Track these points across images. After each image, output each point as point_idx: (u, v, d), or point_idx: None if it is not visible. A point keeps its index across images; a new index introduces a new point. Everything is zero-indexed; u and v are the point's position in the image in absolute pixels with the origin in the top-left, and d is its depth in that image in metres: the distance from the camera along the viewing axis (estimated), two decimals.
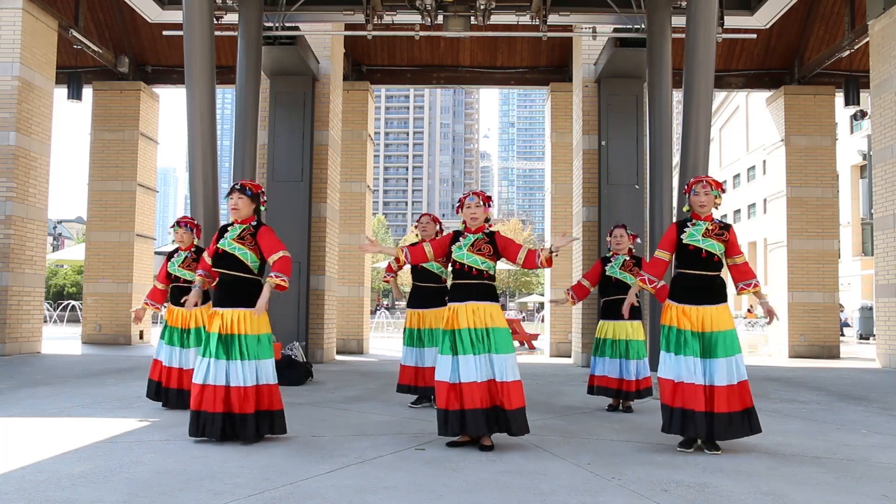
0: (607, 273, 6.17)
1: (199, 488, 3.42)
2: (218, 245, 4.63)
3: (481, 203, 4.59)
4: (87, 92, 14.46)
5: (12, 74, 10.83)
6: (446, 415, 4.32)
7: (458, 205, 4.71)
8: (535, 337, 17.45)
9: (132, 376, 8.25)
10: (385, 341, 17.94)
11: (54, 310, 22.78)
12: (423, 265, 6.15)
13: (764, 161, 32.78)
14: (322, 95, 11.08)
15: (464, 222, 4.65)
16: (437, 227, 6.40)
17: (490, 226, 4.66)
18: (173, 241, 6.17)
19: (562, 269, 13.45)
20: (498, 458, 4.16)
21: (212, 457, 4.09)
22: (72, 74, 13.98)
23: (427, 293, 6.23)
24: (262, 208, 4.80)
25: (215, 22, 8.75)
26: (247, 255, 4.59)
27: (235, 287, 4.57)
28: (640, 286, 4.69)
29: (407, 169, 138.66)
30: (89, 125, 14.60)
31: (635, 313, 6.00)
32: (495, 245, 4.52)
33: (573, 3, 9.97)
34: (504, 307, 52.72)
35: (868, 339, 21.76)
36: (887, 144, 10.78)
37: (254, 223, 4.70)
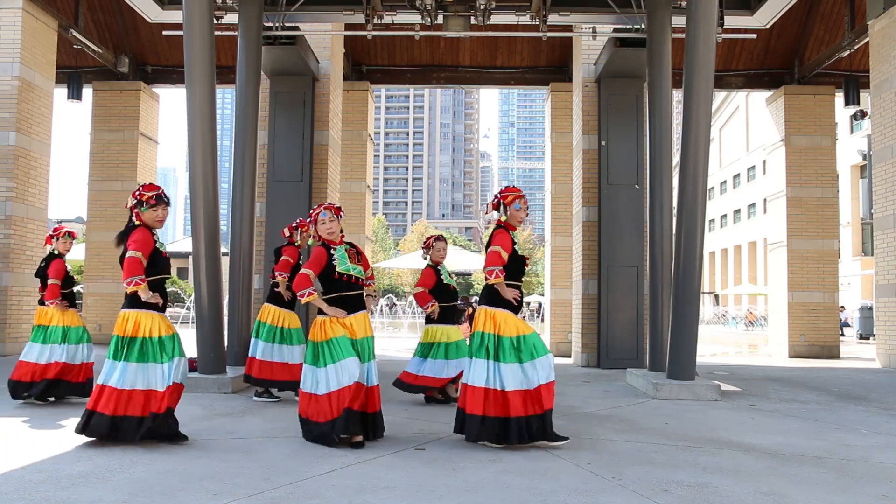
0: (445, 282, 6.49)
1: (199, 488, 3.42)
2: (164, 250, 4.62)
3: (335, 217, 4.67)
4: (87, 92, 14.46)
5: (12, 74, 10.83)
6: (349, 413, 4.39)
7: (310, 220, 4.79)
8: None
9: None
10: (385, 341, 17.93)
11: None
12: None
13: (764, 161, 32.80)
14: (322, 95, 11.08)
15: (318, 238, 4.67)
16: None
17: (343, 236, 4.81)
18: (54, 248, 6.38)
19: (562, 269, 13.46)
20: (498, 458, 4.16)
21: (212, 457, 4.10)
22: (72, 74, 13.98)
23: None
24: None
25: (215, 22, 8.74)
26: None
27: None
28: (497, 282, 4.60)
29: (407, 169, 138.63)
30: (89, 125, 14.60)
31: (455, 317, 6.57)
32: (360, 256, 4.72)
33: (573, 3, 9.96)
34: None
35: (868, 339, 21.76)
36: (887, 144, 10.78)
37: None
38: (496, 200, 4.78)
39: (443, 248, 6.55)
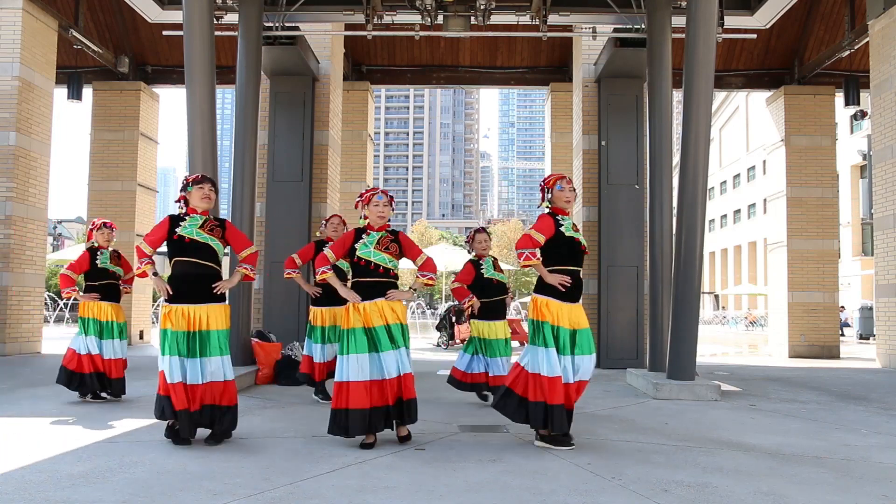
0: (486, 276, 6.32)
1: (199, 488, 3.42)
2: (182, 234, 4.44)
3: (389, 203, 4.61)
4: (87, 92, 14.45)
5: (12, 74, 10.82)
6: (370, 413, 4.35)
7: (359, 199, 4.69)
8: None
9: (132, 376, 8.20)
10: None
11: (55, 309, 22.73)
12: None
13: (764, 161, 32.81)
14: (322, 95, 11.08)
15: (365, 217, 4.64)
16: (344, 229, 6.64)
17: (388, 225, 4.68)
18: (94, 241, 6.45)
19: None
20: (498, 458, 4.16)
21: (212, 457, 4.10)
22: (72, 74, 13.98)
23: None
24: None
25: (215, 22, 8.75)
26: (219, 247, 4.54)
27: (206, 280, 4.47)
28: (529, 265, 4.53)
29: (407, 169, 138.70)
30: (89, 125, 14.59)
31: (503, 313, 6.36)
32: (400, 244, 4.59)
33: (573, 3, 9.96)
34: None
35: (868, 339, 21.77)
36: (887, 144, 10.78)
37: (214, 217, 4.65)
38: (540, 189, 4.71)
39: (483, 241, 6.40)
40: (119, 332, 6.37)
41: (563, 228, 4.53)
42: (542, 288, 4.53)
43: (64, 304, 23.13)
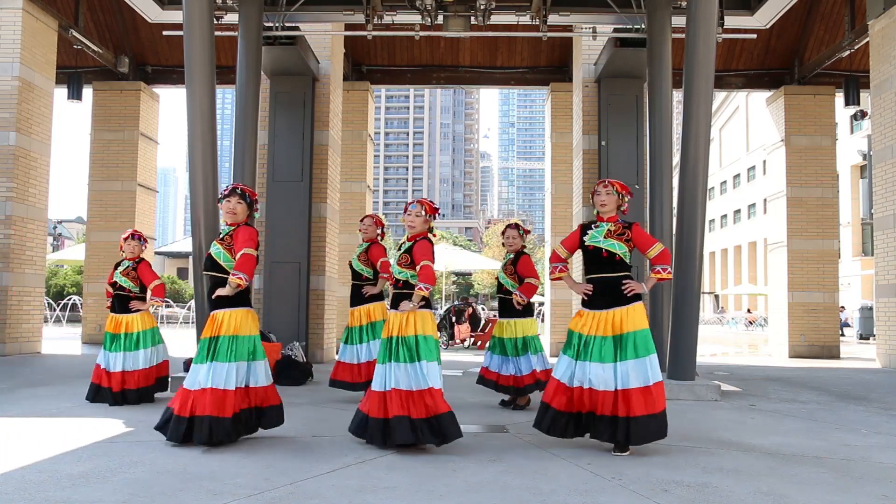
0: (496, 274, 6.46)
1: (199, 488, 3.42)
2: (208, 251, 4.68)
3: (422, 213, 4.54)
4: (88, 92, 14.47)
5: (12, 74, 10.82)
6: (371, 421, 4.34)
7: (404, 212, 4.67)
8: None
9: None
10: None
11: (53, 310, 22.73)
12: (351, 264, 6.57)
13: (764, 161, 32.80)
14: (322, 95, 11.08)
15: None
16: (380, 230, 6.59)
17: (432, 235, 4.60)
18: (123, 252, 6.43)
19: None
20: (498, 458, 4.16)
21: (212, 457, 4.09)
22: (72, 74, 13.99)
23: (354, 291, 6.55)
24: (256, 215, 4.73)
25: (215, 22, 8.74)
26: (220, 255, 4.51)
27: (215, 289, 4.52)
28: (555, 279, 4.71)
29: (407, 169, 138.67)
30: (89, 125, 14.60)
31: (528, 310, 6.23)
32: (411, 255, 4.46)
33: (573, 3, 9.96)
34: None
35: (868, 339, 21.77)
36: (887, 144, 10.78)
37: (238, 224, 4.62)
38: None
39: (511, 237, 6.24)
40: (113, 344, 6.21)
41: (586, 238, 4.49)
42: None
43: (62, 305, 23.16)
